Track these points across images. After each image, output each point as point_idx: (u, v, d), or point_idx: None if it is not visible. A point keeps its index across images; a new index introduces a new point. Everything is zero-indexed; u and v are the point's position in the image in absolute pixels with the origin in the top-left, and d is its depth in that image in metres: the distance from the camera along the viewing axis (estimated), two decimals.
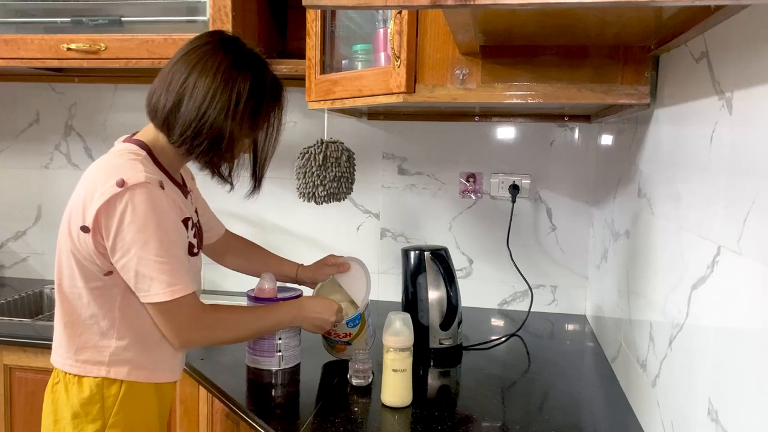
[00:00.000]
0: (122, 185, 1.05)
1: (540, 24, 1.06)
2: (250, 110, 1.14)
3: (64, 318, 1.16)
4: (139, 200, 1.06)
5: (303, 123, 2.10)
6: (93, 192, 1.08)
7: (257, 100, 1.15)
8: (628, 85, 1.23)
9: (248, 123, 1.15)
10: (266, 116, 1.20)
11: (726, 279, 0.83)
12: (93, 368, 1.15)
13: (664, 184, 1.15)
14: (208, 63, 1.11)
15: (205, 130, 1.11)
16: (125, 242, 1.06)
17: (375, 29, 1.48)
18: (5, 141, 2.29)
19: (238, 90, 1.12)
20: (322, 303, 1.37)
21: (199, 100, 1.10)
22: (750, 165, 0.76)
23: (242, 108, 1.12)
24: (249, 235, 2.08)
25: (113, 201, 1.05)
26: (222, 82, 1.11)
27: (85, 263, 1.12)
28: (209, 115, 1.10)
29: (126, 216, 1.05)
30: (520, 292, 2.03)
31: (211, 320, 1.19)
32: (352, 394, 1.36)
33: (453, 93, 1.30)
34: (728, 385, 0.81)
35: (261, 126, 1.20)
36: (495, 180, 2.01)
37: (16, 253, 2.33)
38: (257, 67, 1.16)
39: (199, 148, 1.13)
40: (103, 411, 1.14)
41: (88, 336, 1.15)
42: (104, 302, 1.14)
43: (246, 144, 1.21)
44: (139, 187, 1.06)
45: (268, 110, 1.19)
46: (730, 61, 0.85)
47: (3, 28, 1.88)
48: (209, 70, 1.11)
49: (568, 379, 1.48)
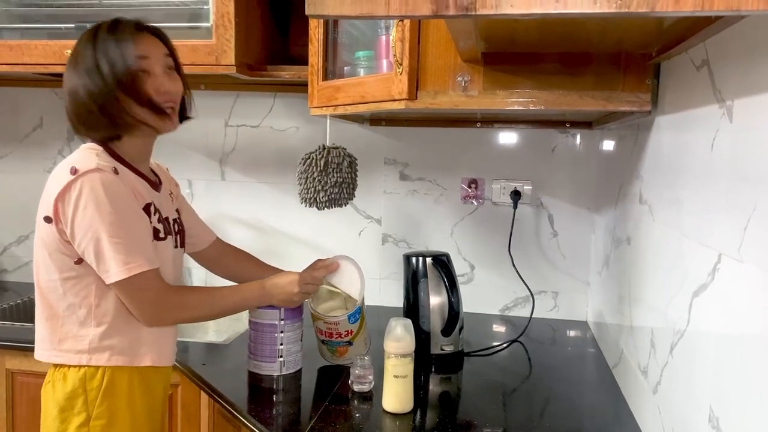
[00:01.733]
0: (75, 173, 1.10)
1: (541, 31, 1.06)
2: (103, 65, 1.14)
3: (45, 312, 1.21)
4: (91, 185, 1.10)
5: (305, 128, 2.11)
6: (52, 184, 1.14)
7: (100, 51, 1.14)
8: (629, 92, 1.23)
9: (112, 78, 1.13)
10: (114, 62, 1.14)
11: (727, 286, 0.83)
12: (74, 357, 1.19)
13: (665, 190, 1.15)
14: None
15: (87, 113, 1.16)
16: (82, 226, 1.11)
17: (377, 36, 1.48)
18: (9, 146, 2.30)
19: (84, 55, 1.15)
20: (283, 276, 1.39)
21: (70, 95, 1.17)
22: (750, 173, 0.76)
23: (96, 69, 1.14)
24: (251, 240, 2.09)
25: (67, 188, 1.11)
26: (70, 69, 1.17)
27: (56, 254, 1.16)
28: (78, 101, 1.16)
29: (80, 201, 1.10)
30: (522, 298, 2.03)
31: (177, 299, 1.23)
32: (354, 400, 1.36)
33: (455, 100, 1.30)
34: (729, 392, 0.81)
35: (117, 73, 1.14)
36: (497, 186, 2.01)
37: (18, 257, 2.34)
38: (87, 35, 1.18)
39: (105, 127, 1.17)
40: (86, 403, 1.18)
41: (68, 327, 1.19)
42: (79, 291, 1.18)
43: (118, 95, 1.15)
44: (90, 173, 1.11)
45: (111, 58, 1.14)
46: (731, 70, 0.85)
47: (7, 34, 1.89)
48: (67, 68, 1.18)
49: (569, 385, 1.48)
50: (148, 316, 1.19)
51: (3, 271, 2.35)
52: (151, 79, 1.17)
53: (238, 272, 1.55)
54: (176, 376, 1.56)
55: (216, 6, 1.69)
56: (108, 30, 1.17)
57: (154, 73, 1.17)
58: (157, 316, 1.21)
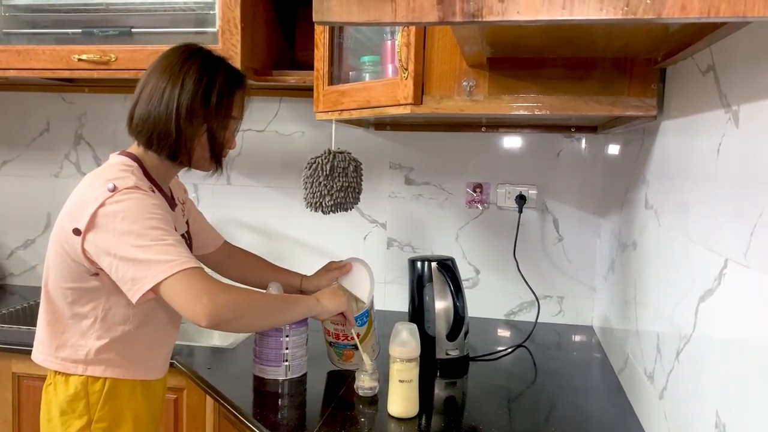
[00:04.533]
0: (114, 190, 1.10)
1: (547, 36, 1.07)
2: (199, 101, 1.18)
3: (48, 316, 1.21)
4: (130, 202, 1.10)
5: (310, 133, 2.11)
6: (87, 197, 1.13)
7: (205, 91, 1.18)
8: (634, 97, 1.23)
9: (201, 113, 1.19)
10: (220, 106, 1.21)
11: (733, 292, 0.83)
12: (71, 366, 1.20)
13: (670, 195, 1.15)
14: (159, 67, 1.20)
15: (163, 129, 1.17)
16: (121, 238, 1.08)
17: (383, 41, 1.49)
18: (16, 149, 2.31)
19: (186, 84, 1.17)
20: (324, 290, 1.41)
21: (154, 103, 1.17)
22: (757, 178, 0.76)
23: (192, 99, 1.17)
24: (257, 245, 2.09)
25: (108, 203, 1.10)
26: (170, 82, 1.17)
27: (74, 264, 1.16)
28: (160, 114, 1.16)
29: (118, 216, 1.09)
30: (527, 303, 2.03)
31: (231, 292, 1.12)
32: (359, 404, 1.36)
33: (460, 104, 1.31)
34: (736, 398, 0.80)
35: (216, 117, 1.21)
36: (502, 190, 2.01)
37: (25, 261, 2.35)
38: (207, 64, 1.20)
39: (166, 147, 1.19)
40: (88, 407, 1.19)
41: (68, 335, 1.20)
42: (88, 301, 1.18)
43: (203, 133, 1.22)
44: (129, 190, 1.11)
45: (219, 101, 1.21)
46: (737, 75, 0.85)
47: (15, 39, 1.91)
48: (160, 71, 1.19)
49: (575, 390, 1.48)
50: (206, 304, 1.06)
51: (10, 275, 2.36)
52: (230, 134, 1.27)
53: (247, 275, 1.56)
54: (182, 380, 1.56)
55: (222, 11, 1.70)
56: (225, 71, 1.22)
57: (233, 131, 1.27)
58: (216, 302, 1.07)
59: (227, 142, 1.27)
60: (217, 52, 1.25)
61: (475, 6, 0.55)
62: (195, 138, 1.20)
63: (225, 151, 1.27)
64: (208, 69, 1.19)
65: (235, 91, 1.23)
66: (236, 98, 1.24)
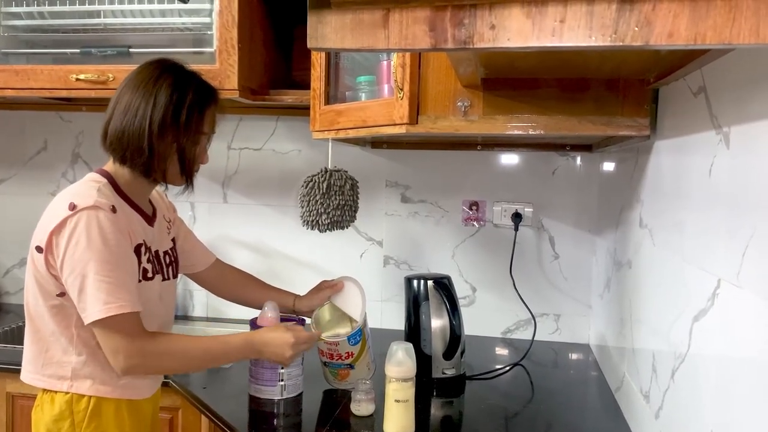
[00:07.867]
0: (73, 209, 1.12)
1: (540, 59, 1.08)
2: (170, 117, 1.18)
3: (31, 335, 1.23)
4: (86, 223, 1.11)
5: (307, 151, 2.12)
6: (50, 215, 1.15)
7: (176, 107, 1.18)
8: (628, 117, 1.25)
9: (173, 130, 1.19)
10: (190, 123, 1.21)
11: (727, 312, 0.83)
12: (57, 383, 1.20)
13: (664, 214, 1.16)
14: (132, 82, 1.20)
15: (136, 145, 1.17)
16: (72, 262, 1.11)
17: (379, 61, 1.50)
18: (14, 168, 2.32)
19: (158, 100, 1.17)
20: (275, 334, 1.30)
21: (128, 119, 1.17)
22: (748, 199, 0.77)
23: (163, 116, 1.17)
24: (253, 263, 2.09)
25: (63, 223, 1.12)
26: (143, 98, 1.18)
27: (43, 282, 1.18)
28: (134, 131, 1.17)
29: (73, 237, 1.11)
30: (524, 321, 2.03)
31: (152, 347, 1.18)
32: (355, 424, 1.35)
33: (455, 124, 1.32)
34: (731, 417, 0.80)
35: (185, 133, 1.21)
36: (498, 208, 2.02)
37: (20, 279, 2.34)
38: (179, 80, 1.21)
39: (140, 164, 1.19)
40: (73, 426, 1.19)
41: (52, 352, 1.21)
42: (61, 320, 1.19)
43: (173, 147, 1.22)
44: (87, 210, 1.12)
45: (189, 117, 1.21)
46: (727, 97, 0.86)
47: (14, 59, 1.92)
48: (134, 87, 1.19)
49: (571, 409, 1.47)
50: (121, 363, 1.14)
51: (6, 293, 2.36)
52: (201, 150, 1.27)
53: (239, 293, 1.56)
54: (177, 400, 1.55)
55: (220, 32, 1.72)
56: (197, 87, 1.22)
57: (204, 146, 1.28)
58: (130, 363, 1.15)
59: (198, 158, 1.27)
60: (190, 68, 1.25)
61: (466, 33, 0.56)
62: (167, 155, 1.20)
63: (196, 166, 1.27)
64: (180, 85, 1.20)
65: (206, 107, 1.24)
66: (207, 114, 1.24)
